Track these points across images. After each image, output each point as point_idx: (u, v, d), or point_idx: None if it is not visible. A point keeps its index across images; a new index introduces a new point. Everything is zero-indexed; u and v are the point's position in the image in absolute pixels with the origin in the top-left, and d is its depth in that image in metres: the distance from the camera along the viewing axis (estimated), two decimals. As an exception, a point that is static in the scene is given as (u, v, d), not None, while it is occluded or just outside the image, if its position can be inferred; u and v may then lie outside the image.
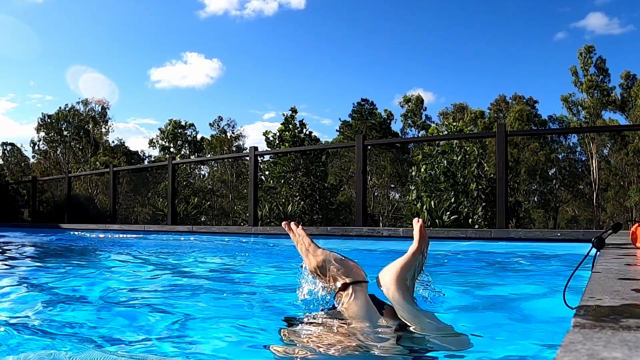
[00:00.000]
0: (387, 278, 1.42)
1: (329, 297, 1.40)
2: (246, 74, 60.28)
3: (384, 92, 61.31)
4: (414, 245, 1.51)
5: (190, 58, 62.19)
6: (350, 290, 1.35)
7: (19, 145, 42.92)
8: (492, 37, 52.05)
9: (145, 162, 39.81)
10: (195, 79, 60.82)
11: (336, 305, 1.36)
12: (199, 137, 42.46)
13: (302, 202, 13.87)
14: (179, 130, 41.27)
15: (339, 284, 1.37)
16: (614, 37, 45.42)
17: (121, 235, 8.47)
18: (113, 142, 41.38)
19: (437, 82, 55.79)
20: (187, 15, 58.41)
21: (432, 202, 8.90)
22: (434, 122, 37.51)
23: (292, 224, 1.50)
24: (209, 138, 41.59)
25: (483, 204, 9.05)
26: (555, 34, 51.35)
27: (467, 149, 9.84)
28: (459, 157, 9.62)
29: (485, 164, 9.73)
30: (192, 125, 42.16)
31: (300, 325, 1.36)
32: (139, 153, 42.66)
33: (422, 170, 9.88)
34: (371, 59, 56.06)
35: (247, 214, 8.99)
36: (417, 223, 1.54)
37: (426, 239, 1.54)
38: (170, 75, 60.70)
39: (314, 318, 1.37)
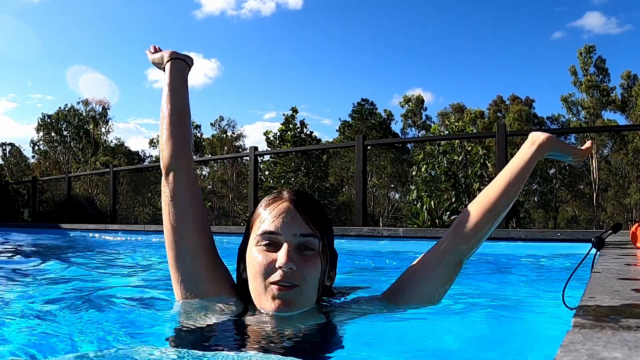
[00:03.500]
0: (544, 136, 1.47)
1: None
2: (245, 73, 60.33)
3: (383, 92, 61.33)
4: (582, 152, 1.61)
5: (190, 58, 62.08)
6: (168, 65, 1.57)
7: (18, 145, 42.95)
8: (491, 36, 52.06)
9: (146, 162, 39.81)
10: (193, 79, 60.83)
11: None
12: (201, 137, 42.47)
13: (302, 202, 13.86)
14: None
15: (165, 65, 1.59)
16: (612, 36, 45.47)
17: (121, 237, 8.47)
18: (112, 142, 41.39)
19: (436, 82, 55.84)
20: (183, 15, 58.46)
21: (433, 202, 8.90)
22: (434, 122, 37.51)
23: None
24: (210, 138, 41.60)
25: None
26: (553, 33, 51.36)
27: (470, 149, 9.84)
28: (460, 157, 9.63)
29: (489, 164, 9.74)
30: (199, 126, 42.16)
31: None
32: (140, 153, 42.69)
33: (423, 170, 9.89)
34: (370, 59, 56.09)
35: (247, 214, 8.99)
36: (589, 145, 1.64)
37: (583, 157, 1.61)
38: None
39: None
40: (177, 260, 1.42)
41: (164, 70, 1.60)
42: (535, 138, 1.47)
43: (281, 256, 1.20)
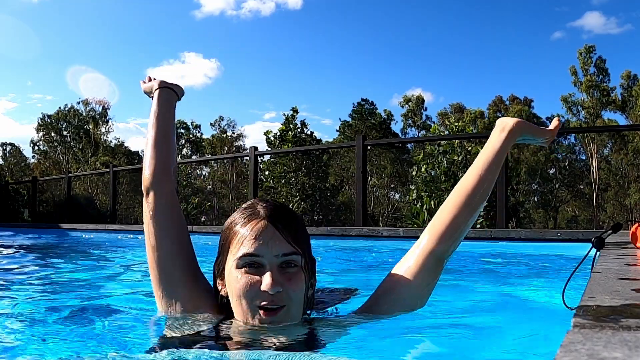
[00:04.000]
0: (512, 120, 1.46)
1: None
2: (245, 73, 60.36)
3: (383, 92, 61.36)
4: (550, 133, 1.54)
5: (188, 58, 62.35)
6: (157, 93, 1.64)
7: (18, 145, 42.96)
8: (491, 36, 52.09)
9: (146, 162, 39.75)
10: (193, 79, 60.85)
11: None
12: (201, 137, 42.47)
13: (302, 203, 13.87)
14: (182, 131, 41.26)
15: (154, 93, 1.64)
16: (612, 36, 45.49)
17: (121, 236, 8.47)
18: (112, 142, 41.41)
19: (436, 82, 55.88)
20: (183, 15, 58.48)
21: (433, 202, 8.90)
22: (434, 122, 37.52)
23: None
24: (210, 138, 41.61)
25: (484, 204, 9.06)
26: (553, 33, 51.39)
27: (471, 149, 9.84)
28: (460, 157, 9.62)
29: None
30: (199, 126, 42.17)
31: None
32: (140, 153, 42.67)
33: (423, 170, 9.89)
34: (370, 59, 56.12)
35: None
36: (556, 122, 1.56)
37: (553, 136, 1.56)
38: (168, 75, 60.66)
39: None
40: (157, 278, 1.41)
41: (152, 98, 1.65)
42: (505, 124, 1.43)
43: (266, 281, 1.17)
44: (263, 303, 1.19)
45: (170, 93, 1.65)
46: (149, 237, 1.42)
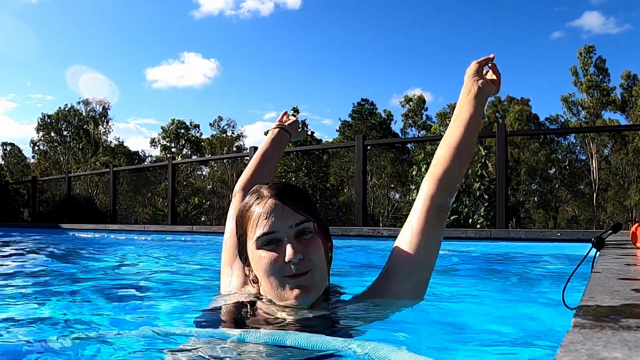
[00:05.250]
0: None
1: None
2: (245, 73, 60.37)
3: (383, 92, 61.37)
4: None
5: (188, 58, 62.36)
6: (275, 131, 1.90)
7: (18, 145, 42.95)
8: (491, 36, 52.09)
9: (146, 162, 39.81)
10: (193, 79, 60.89)
11: None
12: (200, 137, 42.44)
13: (302, 202, 13.87)
14: (182, 131, 41.26)
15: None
16: (612, 36, 45.50)
17: (121, 236, 8.47)
18: (112, 142, 41.40)
19: (435, 82, 55.88)
20: (182, 15, 58.48)
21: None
22: (434, 122, 37.52)
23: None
24: (210, 138, 41.59)
25: (485, 204, 9.04)
26: (552, 33, 51.41)
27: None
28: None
29: (489, 164, 9.73)
30: (197, 126, 42.15)
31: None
32: (140, 153, 42.68)
33: (423, 170, 9.88)
34: (370, 59, 56.10)
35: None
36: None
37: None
38: (167, 75, 60.75)
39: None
40: (230, 264, 1.59)
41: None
42: (470, 88, 1.53)
43: (288, 252, 1.24)
44: (290, 273, 1.26)
45: (284, 134, 1.93)
46: (227, 226, 1.66)
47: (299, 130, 2.00)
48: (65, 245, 6.65)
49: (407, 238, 1.42)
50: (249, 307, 1.35)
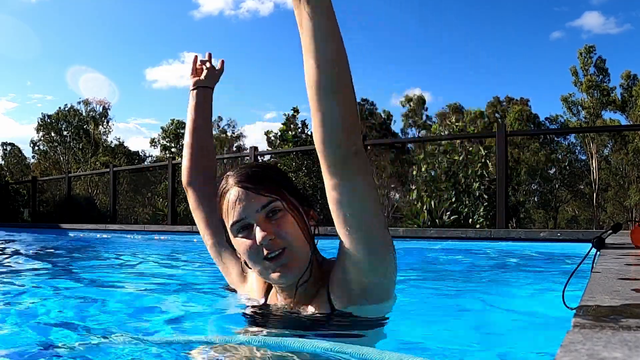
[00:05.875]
0: None
1: None
2: (245, 73, 60.31)
3: (383, 92, 61.33)
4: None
5: (188, 58, 62.11)
6: (195, 93, 1.74)
7: (18, 145, 42.91)
8: (491, 36, 52.08)
9: (146, 162, 39.79)
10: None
11: None
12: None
13: (302, 202, 13.85)
14: (182, 131, 41.19)
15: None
16: (612, 36, 45.50)
17: (121, 236, 8.47)
18: (112, 142, 41.37)
19: (435, 82, 55.84)
20: (182, 15, 58.44)
21: (433, 202, 8.90)
22: (434, 122, 37.50)
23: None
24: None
25: (485, 204, 9.04)
26: (551, 33, 51.39)
27: (471, 149, 9.82)
28: (461, 157, 9.61)
29: (490, 164, 9.72)
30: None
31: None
32: (140, 153, 42.66)
33: (423, 170, 9.87)
34: (370, 59, 56.05)
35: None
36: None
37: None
38: (167, 75, 60.73)
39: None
40: (215, 258, 1.64)
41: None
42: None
43: (257, 236, 1.26)
44: (265, 254, 1.28)
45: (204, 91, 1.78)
46: (198, 225, 1.69)
47: (219, 73, 1.82)
48: (65, 246, 6.65)
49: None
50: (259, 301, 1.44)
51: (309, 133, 16.06)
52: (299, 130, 15.40)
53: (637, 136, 28.03)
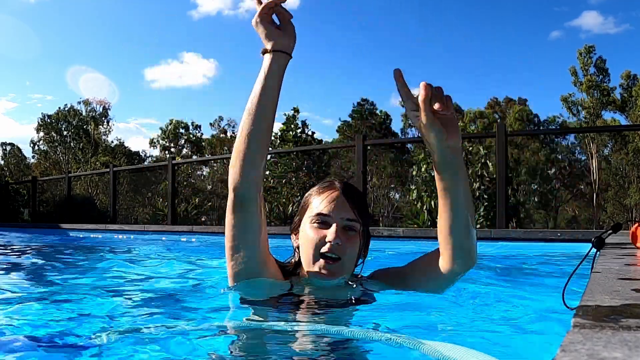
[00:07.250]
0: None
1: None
2: (244, 73, 60.28)
3: (383, 92, 61.32)
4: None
5: (187, 58, 62.29)
6: (269, 56, 1.54)
7: (18, 145, 42.91)
8: (490, 36, 52.07)
9: (147, 162, 39.79)
10: (192, 79, 60.80)
11: None
12: (201, 137, 42.40)
13: (302, 202, 13.86)
14: (181, 131, 41.23)
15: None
16: (611, 36, 45.51)
17: (121, 236, 8.47)
18: (112, 142, 41.36)
19: (435, 82, 55.55)
20: (182, 15, 58.42)
21: (433, 202, 8.90)
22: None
23: None
24: (210, 138, 41.56)
25: (485, 204, 9.03)
26: (550, 32, 51.38)
27: (471, 149, 9.82)
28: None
29: (490, 164, 9.71)
30: (199, 126, 42.11)
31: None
32: (140, 153, 42.66)
33: (423, 169, 9.87)
34: (370, 59, 56.05)
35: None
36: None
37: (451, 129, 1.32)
38: (166, 75, 60.72)
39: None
40: (235, 268, 1.55)
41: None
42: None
43: (331, 233, 1.47)
44: (325, 250, 1.47)
45: (281, 58, 1.58)
46: (235, 242, 1.64)
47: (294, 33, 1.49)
48: (65, 246, 6.65)
49: (431, 261, 1.55)
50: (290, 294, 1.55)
51: (309, 133, 16.08)
52: (299, 130, 15.40)
53: (637, 136, 28.03)
